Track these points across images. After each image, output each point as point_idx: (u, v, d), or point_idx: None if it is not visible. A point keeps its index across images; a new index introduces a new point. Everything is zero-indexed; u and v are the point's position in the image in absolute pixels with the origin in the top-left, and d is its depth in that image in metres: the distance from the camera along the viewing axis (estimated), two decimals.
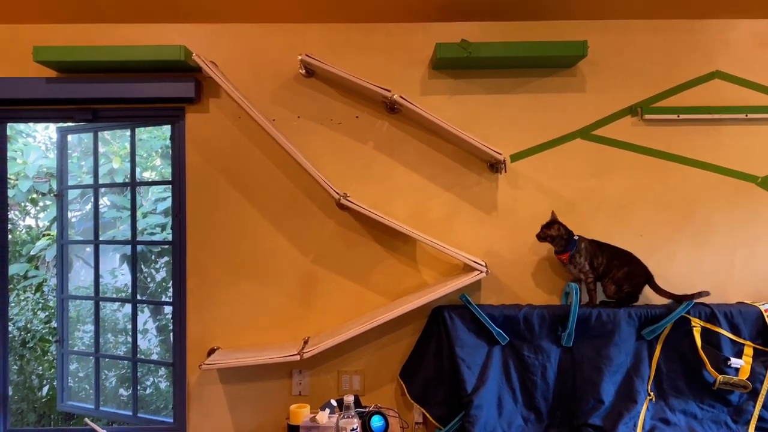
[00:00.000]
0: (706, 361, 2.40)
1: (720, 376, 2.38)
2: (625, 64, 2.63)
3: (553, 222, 2.50)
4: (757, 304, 2.48)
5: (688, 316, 2.45)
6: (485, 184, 2.65)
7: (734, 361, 2.40)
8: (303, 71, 2.60)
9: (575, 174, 2.63)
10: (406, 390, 2.51)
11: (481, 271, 2.42)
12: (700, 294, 2.44)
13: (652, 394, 2.41)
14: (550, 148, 2.64)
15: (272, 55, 2.63)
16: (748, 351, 2.43)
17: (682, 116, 2.60)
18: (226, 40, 2.63)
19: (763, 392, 2.39)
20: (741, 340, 2.44)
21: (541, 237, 2.51)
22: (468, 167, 2.64)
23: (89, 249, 4.90)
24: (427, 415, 2.44)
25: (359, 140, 2.63)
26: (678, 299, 2.47)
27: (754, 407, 2.38)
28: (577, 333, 2.45)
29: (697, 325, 2.44)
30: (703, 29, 2.63)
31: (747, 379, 2.38)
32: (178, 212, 2.66)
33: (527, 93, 2.64)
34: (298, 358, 2.35)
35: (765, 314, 2.44)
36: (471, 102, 2.64)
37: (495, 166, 2.60)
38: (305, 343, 2.49)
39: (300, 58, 2.47)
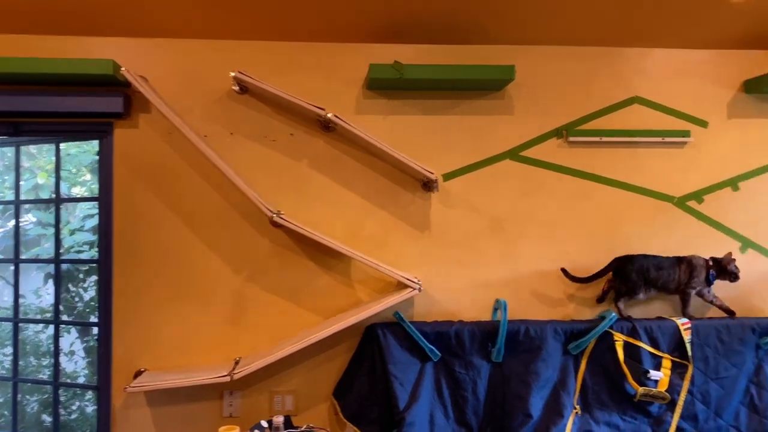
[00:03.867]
0: (628, 374, 2.50)
1: (641, 389, 2.48)
2: (551, 88, 2.74)
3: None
4: (674, 319, 2.61)
5: (611, 330, 2.54)
6: (419, 202, 2.69)
7: (654, 374, 2.50)
8: (236, 88, 2.58)
9: (505, 193, 2.71)
10: (339, 409, 2.49)
11: (414, 288, 2.44)
12: None
13: (578, 407, 2.49)
14: (481, 168, 2.71)
15: (205, 71, 2.60)
16: (667, 363, 2.54)
17: (604, 139, 2.72)
18: (157, 54, 2.59)
19: (680, 403, 2.50)
20: (660, 353, 2.55)
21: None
22: (402, 186, 2.68)
23: (13, 267, 4.66)
24: None
25: (294, 158, 2.63)
26: None
27: (672, 417, 2.49)
28: (506, 348, 2.50)
29: (619, 340, 2.54)
30: (622, 57, 2.77)
31: (666, 390, 2.49)
32: (105, 230, 2.57)
33: (459, 114, 2.70)
34: (228, 378, 2.30)
35: (681, 328, 2.56)
36: (405, 122, 2.68)
37: (428, 185, 2.65)
38: (236, 363, 2.45)
39: (233, 74, 2.45)
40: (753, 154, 2.80)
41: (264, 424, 2.30)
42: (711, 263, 2.65)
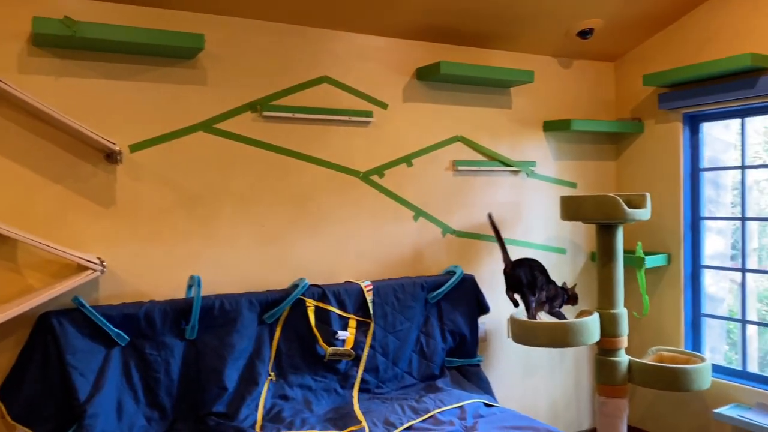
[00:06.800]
0: (319, 336, 2.67)
1: (330, 349, 2.67)
2: (245, 62, 2.73)
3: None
4: (359, 282, 2.86)
5: (304, 297, 2.68)
6: (102, 175, 2.46)
7: (341, 334, 2.73)
8: None
9: (199, 166, 2.64)
10: (5, 411, 2.18)
11: (96, 270, 2.25)
12: None
13: (272, 374, 2.58)
14: (173, 139, 2.59)
15: None
16: (353, 323, 2.79)
17: (297, 115, 2.82)
18: None
19: (364, 357, 2.77)
20: (347, 315, 2.78)
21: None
22: (81, 157, 2.42)
23: None
24: None
25: None
26: None
27: (357, 371, 2.75)
28: (201, 324, 2.46)
29: (311, 305, 2.70)
30: (314, 37, 2.89)
31: (351, 348, 2.73)
32: None
33: (147, 81, 2.53)
34: None
35: (364, 290, 2.82)
36: (83, 86, 2.42)
37: (111, 156, 2.44)
38: None
39: None
40: (423, 135, 3.20)
41: None
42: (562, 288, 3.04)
